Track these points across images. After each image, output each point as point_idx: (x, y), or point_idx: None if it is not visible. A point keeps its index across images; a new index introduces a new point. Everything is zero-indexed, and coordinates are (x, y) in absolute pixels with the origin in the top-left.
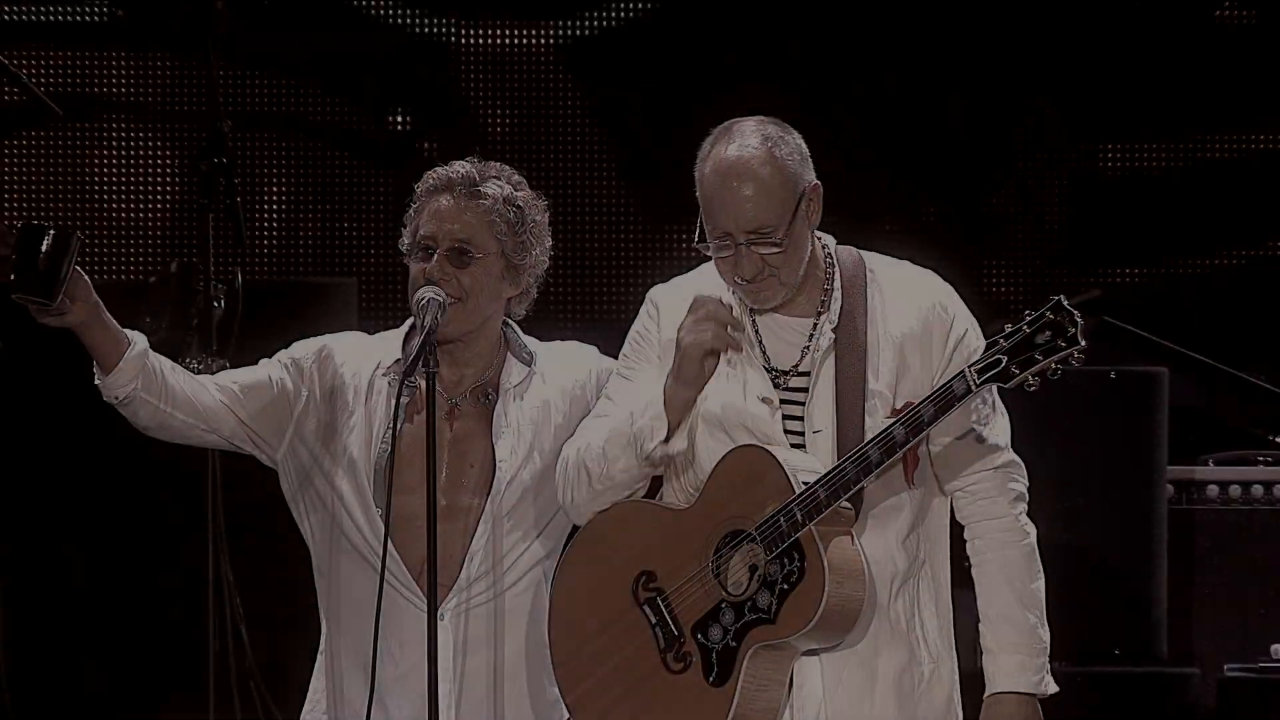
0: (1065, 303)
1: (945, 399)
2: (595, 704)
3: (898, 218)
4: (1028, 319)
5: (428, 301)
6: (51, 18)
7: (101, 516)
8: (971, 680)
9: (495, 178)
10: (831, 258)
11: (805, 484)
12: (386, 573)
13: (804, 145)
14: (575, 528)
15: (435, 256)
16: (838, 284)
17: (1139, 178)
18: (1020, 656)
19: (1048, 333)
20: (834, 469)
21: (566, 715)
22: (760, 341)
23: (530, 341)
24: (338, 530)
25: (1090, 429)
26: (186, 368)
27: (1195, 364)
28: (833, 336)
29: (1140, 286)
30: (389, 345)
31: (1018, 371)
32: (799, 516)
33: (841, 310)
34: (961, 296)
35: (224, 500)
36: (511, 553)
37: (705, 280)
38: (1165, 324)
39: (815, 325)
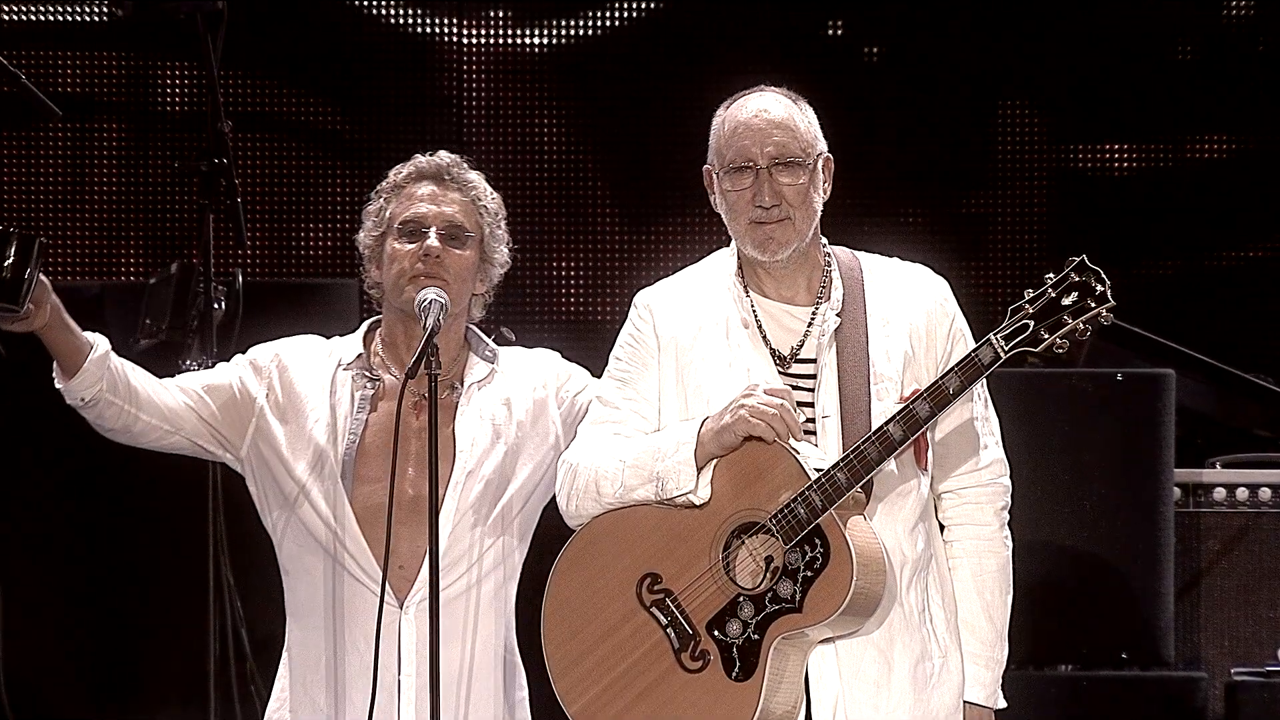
0: (1089, 261)
1: (972, 369)
2: (606, 711)
3: (878, 220)
4: (1051, 281)
5: (430, 302)
6: (51, 18)
7: (101, 518)
8: None
9: (471, 169)
10: (828, 251)
11: (818, 470)
12: (352, 565)
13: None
14: (547, 533)
15: (431, 236)
16: (837, 274)
17: (1123, 179)
18: (977, 668)
19: (1075, 294)
20: (853, 450)
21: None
22: (760, 326)
23: (491, 344)
24: (302, 526)
25: (1096, 431)
26: (186, 369)
27: (1201, 366)
28: (838, 321)
29: (1123, 287)
30: (349, 343)
31: (1046, 335)
32: (818, 502)
33: (844, 298)
34: None
35: (224, 502)
36: (475, 547)
37: (693, 281)
38: (1168, 326)
39: (815, 312)
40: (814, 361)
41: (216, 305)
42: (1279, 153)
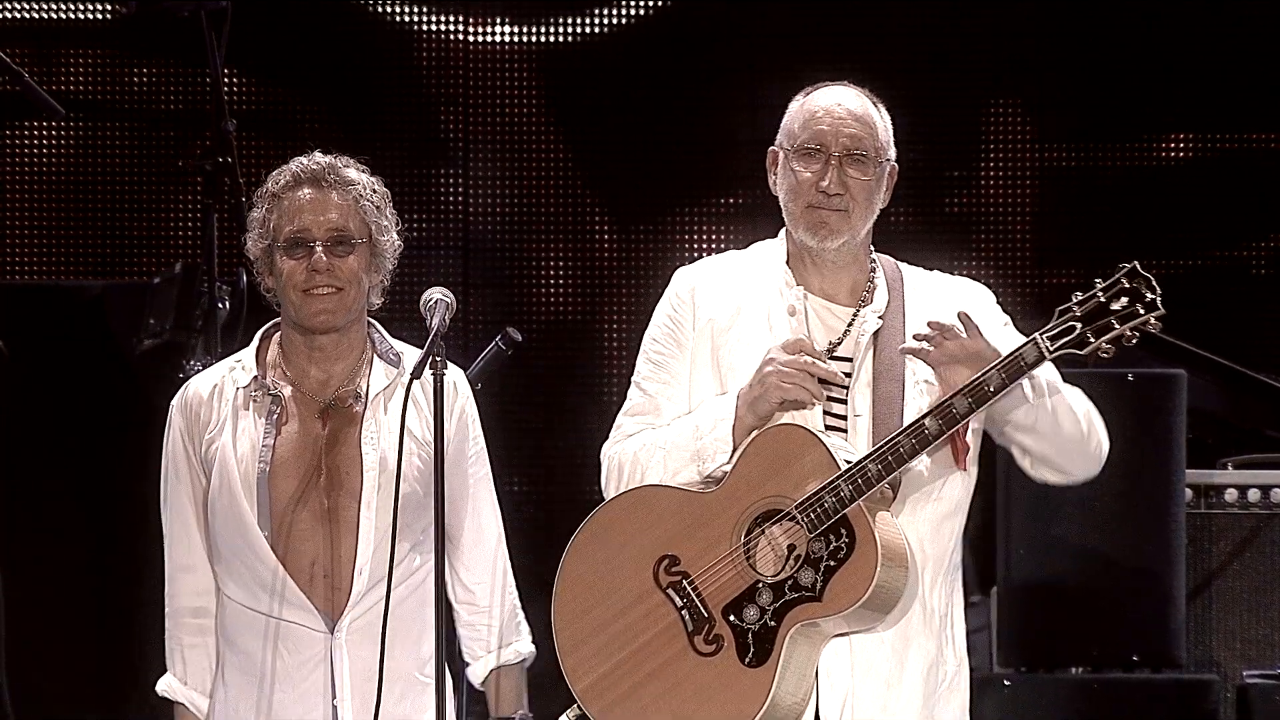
0: (1140, 268)
1: (1014, 367)
2: (614, 690)
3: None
4: (1100, 285)
5: (435, 302)
6: (54, 16)
7: (103, 517)
8: None
9: (349, 166)
10: (874, 257)
11: (847, 461)
12: (274, 593)
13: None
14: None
15: (317, 249)
16: (882, 280)
17: (1110, 179)
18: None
19: (1124, 299)
20: (886, 442)
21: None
22: (806, 315)
23: (396, 343)
24: (230, 550)
25: (1107, 432)
26: (188, 370)
27: (1212, 365)
28: (879, 323)
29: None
30: (243, 363)
31: (1093, 339)
32: (847, 492)
33: (887, 304)
34: None
35: None
36: (404, 564)
37: (736, 263)
38: (1175, 325)
39: (856, 314)
40: (850, 360)
41: (221, 305)
42: (1264, 151)
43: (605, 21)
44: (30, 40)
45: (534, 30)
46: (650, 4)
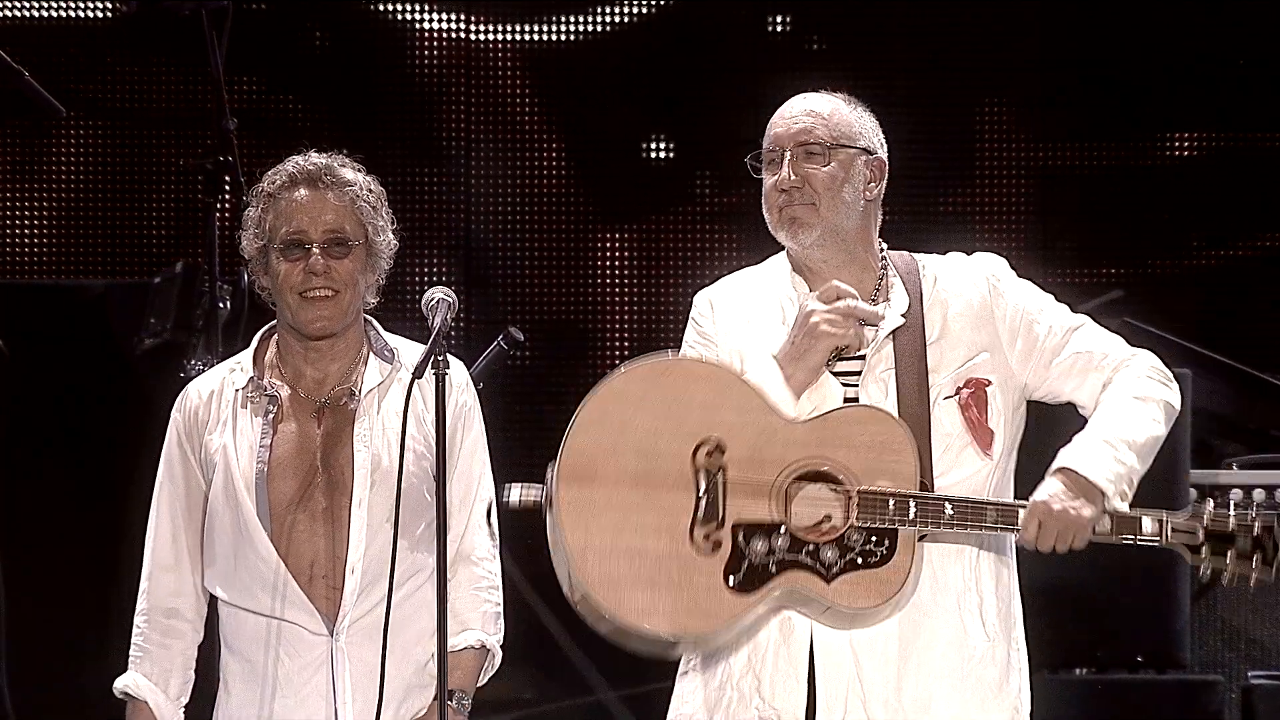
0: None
1: (1128, 528)
2: (596, 520)
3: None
4: (1235, 518)
5: (437, 302)
6: (54, 14)
7: (103, 517)
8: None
9: (346, 165)
10: (884, 256)
11: (923, 485)
12: (276, 593)
13: (876, 124)
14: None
15: (314, 251)
16: (898, 280)
17: (1104, 177)
18: (1090, 444)
19: (1249, 543)
20: (975, 500)
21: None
22: None
23: (391, 338)
24: (230, 551)
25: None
26: (189, 370)
27: (1217, 366)
28: (901, 320)
29: (1128, 283)
30: (241, 364)
31: (1202, 556)
32: (913, 512)
33: (909, 305)
34: None
35: None
36: (403, 564)
37: (750, 277)
38: (1179, 325)
39: None
40: (861, 358)
41: (221, 305)
42: (1266, 149)
43: (605, 21)
44: (30, 40)
45: (534, 30)
46: (651, 3)
